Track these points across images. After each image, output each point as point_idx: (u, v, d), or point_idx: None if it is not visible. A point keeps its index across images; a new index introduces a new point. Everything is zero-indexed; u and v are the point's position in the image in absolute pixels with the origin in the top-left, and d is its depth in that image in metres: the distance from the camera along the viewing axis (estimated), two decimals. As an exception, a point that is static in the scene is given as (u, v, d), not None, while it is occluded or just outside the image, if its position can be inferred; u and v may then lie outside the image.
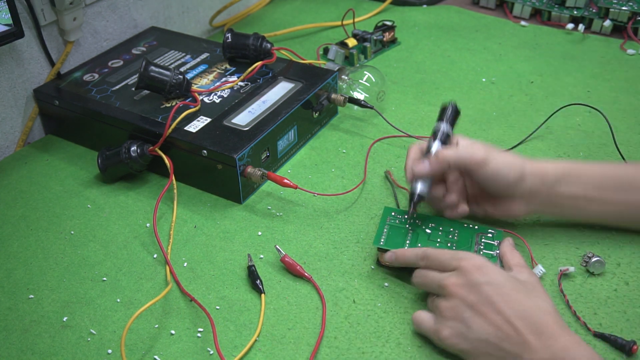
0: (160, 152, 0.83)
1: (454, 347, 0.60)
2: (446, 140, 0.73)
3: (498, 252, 0.69)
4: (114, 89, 0.93)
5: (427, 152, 0.72)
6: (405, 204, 0.80)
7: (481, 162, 0.69)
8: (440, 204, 0.74)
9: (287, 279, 0.72)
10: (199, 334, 0.66)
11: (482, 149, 0.70)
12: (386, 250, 0.70)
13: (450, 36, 1.19)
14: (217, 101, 0.90)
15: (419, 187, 0.72)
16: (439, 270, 0.64)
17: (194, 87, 0.92)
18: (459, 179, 0.73)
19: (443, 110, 0.75)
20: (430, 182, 0.72)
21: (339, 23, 1.21)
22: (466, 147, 0.70)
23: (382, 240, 0.71)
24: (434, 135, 0.73)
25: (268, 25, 1.26)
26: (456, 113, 0.75)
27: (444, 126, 0.73)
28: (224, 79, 0.95)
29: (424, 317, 0.64)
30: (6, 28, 0.84)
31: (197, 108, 0.88)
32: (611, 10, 1.15)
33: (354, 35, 1.14)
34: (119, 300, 0.70)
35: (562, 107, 0.92)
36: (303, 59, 1.03)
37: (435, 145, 0.72)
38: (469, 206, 0.73)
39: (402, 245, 0.70)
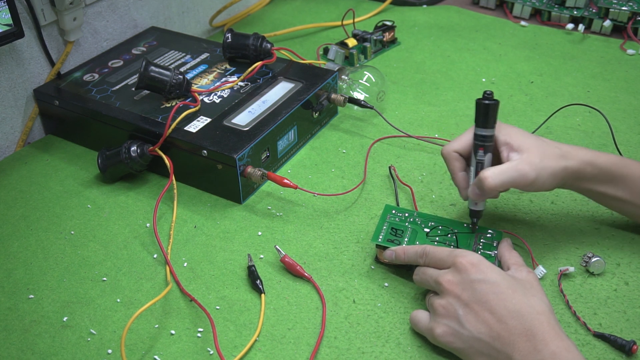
0: (160, 152, 0.83)
1: (448, 345, 0.61)
2: (489, 143, 0.68)
3: (496, 252, 0.69)
4: (114, 89, 0.93)
5: (475, 164, 0.69)
6: (405, 203, 0.80)
7: (528, 185, 0.66)
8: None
9: (287, 279, 0.72)
10: (199, 334, 0.66)
11: (533, 169, 0.65)
12: (385, 248, 0.70)
13: (450, 36, 1.19)
14: (217, 101, 0.90)
15: (479, 205, 0.70)
16: (437, 267, 0.64)
17: (194, 87, 0.92)
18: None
19: (477, 108, 0.68)
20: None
21: (339, 23, 1.21)
22: (513, 170, 0.65)
23: (381, 237, 0.71)
24: (477, 146, 0.68)
25: (268, 25, 1.26)
26: (486, 108, 0.67)
27: (483, 133, 0.68)
28: (224, 79, 0.95)
29: (420, 315, 0.64)
30: (6, 28, 0.84)
31: (197, 108, 0.88)
32: (611, 10, 1.15)
33: (354, 35, 1.14)
34: (119, 300, 0.70)
35: (562, 107, 0.92)
36: (303, 59, 1.02)
37: (486, 161, 0.68)
38: None
39: (400, 243, 0.70)
